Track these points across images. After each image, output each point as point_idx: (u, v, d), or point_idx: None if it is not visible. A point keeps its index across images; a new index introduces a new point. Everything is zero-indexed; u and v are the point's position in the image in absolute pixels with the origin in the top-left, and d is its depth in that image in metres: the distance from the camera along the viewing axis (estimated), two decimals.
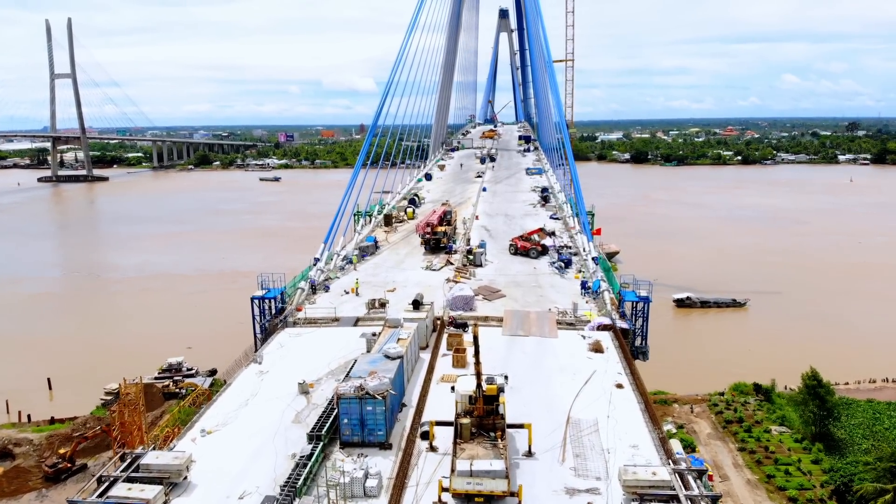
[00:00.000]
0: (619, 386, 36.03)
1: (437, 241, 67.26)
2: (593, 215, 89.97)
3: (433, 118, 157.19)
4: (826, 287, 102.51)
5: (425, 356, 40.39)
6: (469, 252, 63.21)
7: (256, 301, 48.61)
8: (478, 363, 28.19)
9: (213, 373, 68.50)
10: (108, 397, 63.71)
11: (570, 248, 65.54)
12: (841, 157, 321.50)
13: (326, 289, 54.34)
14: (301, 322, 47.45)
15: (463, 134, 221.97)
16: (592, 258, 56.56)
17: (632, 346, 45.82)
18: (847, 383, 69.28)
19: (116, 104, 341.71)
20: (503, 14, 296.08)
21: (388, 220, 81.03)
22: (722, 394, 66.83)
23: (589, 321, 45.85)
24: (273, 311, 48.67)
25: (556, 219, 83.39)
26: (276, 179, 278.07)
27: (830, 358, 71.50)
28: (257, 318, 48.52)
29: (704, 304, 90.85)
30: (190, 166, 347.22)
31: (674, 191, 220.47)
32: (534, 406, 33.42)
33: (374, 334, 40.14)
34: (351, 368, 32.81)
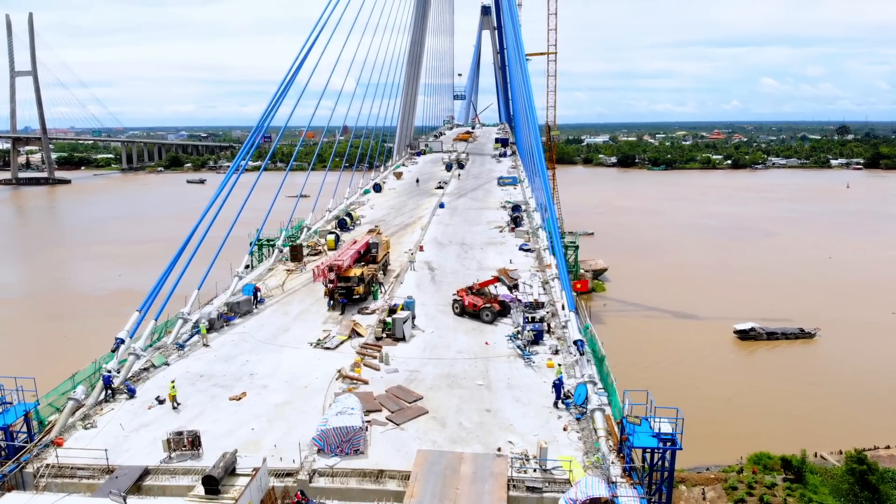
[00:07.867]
0: None
1: (347, 292, 45.56)
2: (577, 248, 67.53)
3: (397, 119, 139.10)
4: (829, 315, 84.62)
5: None
6: (391, 312, 41.98)
7: None
8: None
9: None
10: None
11: (542, 305, 44.09)
12: (833, 162, 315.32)
13: (130, 392, 32.41)
14: (47, 475, 25.78)
15: (435, 136, 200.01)
16: (575, 342, 34.88)
17: None
18: (888, 447, 54.61)
19: (91, 104, 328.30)
20: (485, 11, 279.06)
21: (295, 254, 57.83)
22: (740, 470, 50.81)
23: (568, 484, 24.79)
24: (8, 449, 27.08)
25: (529, 250, 62.27)
26: (202, 182, 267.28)
27: (855, 411, 59.14)
28: None
29: (771, 336, 77.25)
30: (160, 168, 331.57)
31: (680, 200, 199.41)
32: None
33: None
34: None
